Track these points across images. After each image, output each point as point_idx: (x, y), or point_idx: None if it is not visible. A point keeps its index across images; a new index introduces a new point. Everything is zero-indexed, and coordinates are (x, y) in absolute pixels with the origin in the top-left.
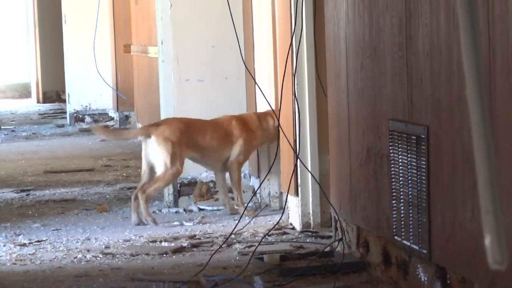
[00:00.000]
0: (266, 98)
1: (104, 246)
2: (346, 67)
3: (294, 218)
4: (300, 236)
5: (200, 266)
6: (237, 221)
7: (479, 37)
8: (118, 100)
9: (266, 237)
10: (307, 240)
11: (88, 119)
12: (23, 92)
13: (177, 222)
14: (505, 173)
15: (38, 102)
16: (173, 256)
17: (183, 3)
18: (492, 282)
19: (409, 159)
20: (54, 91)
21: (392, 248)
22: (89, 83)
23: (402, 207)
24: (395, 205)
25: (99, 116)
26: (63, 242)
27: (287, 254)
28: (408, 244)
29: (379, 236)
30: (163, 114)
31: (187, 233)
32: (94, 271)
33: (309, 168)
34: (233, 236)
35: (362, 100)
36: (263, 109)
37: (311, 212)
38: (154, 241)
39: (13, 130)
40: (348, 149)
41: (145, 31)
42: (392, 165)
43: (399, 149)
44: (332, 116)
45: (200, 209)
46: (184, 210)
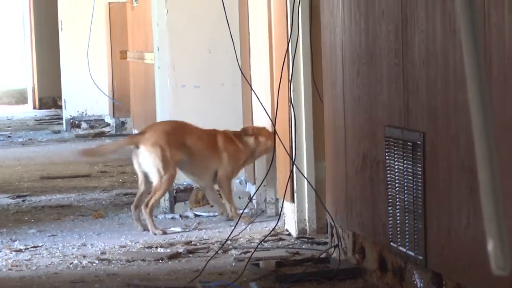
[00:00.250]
0: (262, 104)
1: (100, 252)
2: (342, 74)
3: (290, 224)
4: (296, 242)
5: (196, 272)
6: (233, 227)
7: (480, 41)
8: (114, 106)
9: (262, 243)
10: (303, 246)
11: (84, 125)
12: (19, 98)
13: (174, 229)
14: (505, 178)
15: (34, 108)
16: (169, 262)
17: (179, 10)
18: None
19: (405, 165)
20: (50, 97)
21: (388, 254)
22: (85, 89)
23: (398, 214)
24: (391, 211)
25: (95, 122)
26: (59, 248)
27: (283, 260)
28: (404, 250)
29: (375, 242)
30: (160, 120)
31: (183, 239)
32: (90, 277)
33: (305, 175)
34: (229, 242)
35: (358, 106)
36: (259, 116)
37: (307, 218)
38: (150, 247)
39: (9, 136)
40: (344, 156)
41: (141, 37)
42: (388, 171)
43: (395, 155)
44: (328, 122)
45: (196, 215)
46: (180, 216)
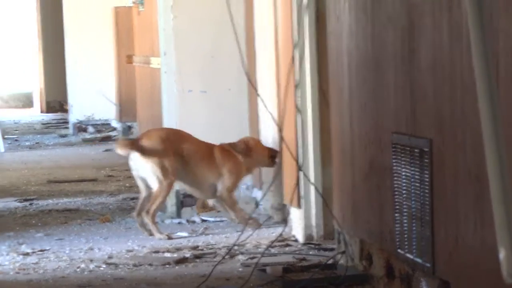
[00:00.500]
0: (268, 110)
1: (107, 256)
2: (349, 80)
3: (297, 230)
4: (303, 248)
5: (202, 277)
6: (240, 233)
7: (489, 45)
8: (121, 110)
9: (269, 249)
10: (310, 253)
11: (91, 129)
12: (26, 102)
13: (181, 233)
14: None
15: (41, 112)
16: (176, 267)
17: (185, 15)
18: None
19: (412, 172)
20: (57, 101)
21: (395, 261)
22: (92, 94)
23: (405, 220)
24: (398, 218)
25: (102, 127)
26: (66, 252)
27: (290, 266)
28: (412, 257)
29: (382, 249)
30: (166, 125)
31: (190, 244)
32: (97, 281)
33: (312, 181)
34: (236, 247)
35: (365, 113)
36: (265, 122)
37: (314, 225)
38: (157, 252)
39: (16, 140)
40: (351, 162)
41: (147, 42)
42: (395, 178)
43: (402, 162)
44: (335, 128)
45: (203, 220)
46: (187, 221)
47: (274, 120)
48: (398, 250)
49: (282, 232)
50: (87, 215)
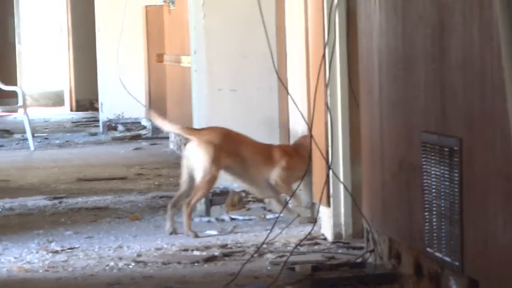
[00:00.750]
0: (298, 109)
1: (136, 254)
2: (379, 79)
3: (326, 228)
4: (332, 246)
5: (231, 275)
6: (269, 231)
7: None
8: (151, 109)
9: (298, 247)
10: (339, 251)
11: (120, 127)
12: (56, 100)
13: (210, 232)
14: None
15: (71, 110)
16: (205, 265)
17: (216, 13)
18: None
19: (441, 171)
20: (87, 100)
21: (424, 260)
22: (122, 92)
23: (435, 219)
24: (427, 217)
25: (132, 125)
26: (95, 250)
27: (318, 264)
28: (440, 256)
29: (411, 247)
30: (196, 124)
31: (218, 242)
32: (126, 279)
33: (341, 179)
34: (264, 245)
35: (395, 111)
36: (295, 120)
37: (343, 223)
38: (186, 250)
39: (46, 138)
40: (381, 161)
41: (178, 40)
42: (424, 177)
43: (432, 161)
44: (364, 127)
45: (232, 219)
46: (216, 219)
47: (304, 118)
48: (427, 249)
49: (311, 231)
50: (116, 213)
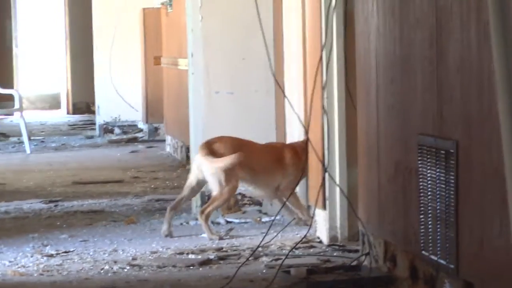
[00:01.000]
0: (295, 111)
1: (131, 258)
2: (376, 81)
3: (322, 231)
4: (327, 249)
5: (226, 278)
6: (264, 234)
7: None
8: (147, 112)
9: (293, 250)
10: (334, 254)
11: (117, 130)
12: (53, 103)
13: (205, 235)
14: None
15: (67, 113)
16: (200, 269)
17: (213, 16)
18: None
19: (437, 173)
20: (84, 102)
21: (419, 263)
22: (119, 95)
23: (430, 222)
24: (423, 219)
25: (128, 128)
26: (90, 254)
27: (314, 267)
28: (436, 259)
29: (407, 250)
30: (192, 126)
31: (214, 245)
32: (121, 283)
33: (337, 182)
34: (260, 249)
35: (391, 114)
36: (292, 123)
37: (338, 226)
38: (181, 253)
39: (42, 141)
40: (377, 163)
41: (175, 43)
42: (420, 179)
43: (428, 163)
44: (361, 129)
45: (228, 222)
46: (212, 222)
47: (300, 121)
48: (423, 252)
49: (306, 234)
50: (112, 216)
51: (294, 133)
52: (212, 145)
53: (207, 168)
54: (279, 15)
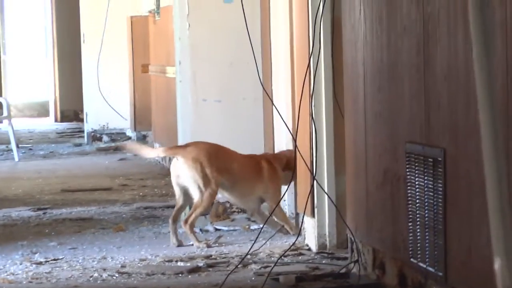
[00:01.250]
0: (283, 119)
1: (120, 265)
2: (363, 89)
3: (310, 239)
4: (316, 257)
5: (215, 286)
6: (253, 242)
7: (492, 59)
8: (135, 119)
9: (282, 258)
10: (323, 261)
11: (105, 138)
12: (41, 111)
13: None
14: None
15: (56, 121)
16: (189, 276)
17: (201, 24)
18: None
19: (425, 181)
20: (72, 110)
21: (408, 270)
22: (107, 103)
23: (418, 230)
24: (411, 227)
25: (117, 136)
26: (79, 261)
27: (303, 275)
28: (424, 266)
29: (395, 258)
30: (180, 134)
31: (203, 253)
32: None
33: (325, 189)
34: (249, 256)
35: (379, 122)
36: (280, 130)
37: (327, 233)
38: (170, 261)
39: (30, 149)
40: (365, 171)
41: (163, 51)
42: (408, 187)
43: (416, 171)
44: (349, 137)
45: (217, 229)
46: (201, 230)
47: (288, 129)
48: (411, 259)
49: (295, 241)
50: (101, 224)
51: (282, 141)
52: (184, 148)
53: (183, 174)
54: (266, 23)
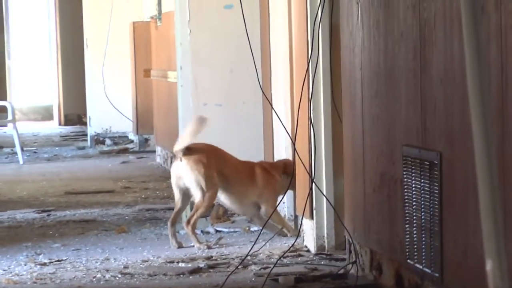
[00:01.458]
0: (282, 123)
1: (122, 266)
2: (361, 93)
3: (309, 240)
4: (314, 258)
5: (216, 286)
6: (253, 243)
7: (484, 65)
8: (138, 123)
9: (282, 259)
10: (322, 263)
11: (108, 141)
12: (45, 114)
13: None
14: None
15: (59, 124)
16: (190, 277)
17: (202, 30)
18: None
19: (422, 184)
20: (75, 114)
21: (405, 271)
22: (110, 106)
23: (415, 231)
24: (408, 229)
25: (119, 139)
26: (83, 262)
27: (301, 276)
28: (421, 267)
29: (392, 259)
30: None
31: (204, 254)
32: None
33: (324, 192)
34: (249, 257)
35: (376, 125)
36: (279, 134)
37: (325, 235)
38: (172, 262)
39: (35, 152)
40: (363, 174)
41: (164, 56)
42: (405, 190)
43: (413, 174)
44: (347, 141)
45: (217, 231)
46: (201, 231)
47: (287, 133)
48: (408, 260)
49: (294, 243)
50: (104, 226)
51: (281, 144)
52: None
53: (186, 175)
54: (266, 28)
